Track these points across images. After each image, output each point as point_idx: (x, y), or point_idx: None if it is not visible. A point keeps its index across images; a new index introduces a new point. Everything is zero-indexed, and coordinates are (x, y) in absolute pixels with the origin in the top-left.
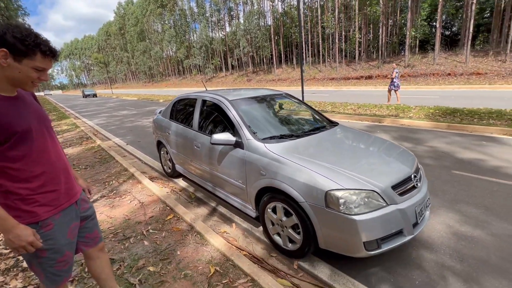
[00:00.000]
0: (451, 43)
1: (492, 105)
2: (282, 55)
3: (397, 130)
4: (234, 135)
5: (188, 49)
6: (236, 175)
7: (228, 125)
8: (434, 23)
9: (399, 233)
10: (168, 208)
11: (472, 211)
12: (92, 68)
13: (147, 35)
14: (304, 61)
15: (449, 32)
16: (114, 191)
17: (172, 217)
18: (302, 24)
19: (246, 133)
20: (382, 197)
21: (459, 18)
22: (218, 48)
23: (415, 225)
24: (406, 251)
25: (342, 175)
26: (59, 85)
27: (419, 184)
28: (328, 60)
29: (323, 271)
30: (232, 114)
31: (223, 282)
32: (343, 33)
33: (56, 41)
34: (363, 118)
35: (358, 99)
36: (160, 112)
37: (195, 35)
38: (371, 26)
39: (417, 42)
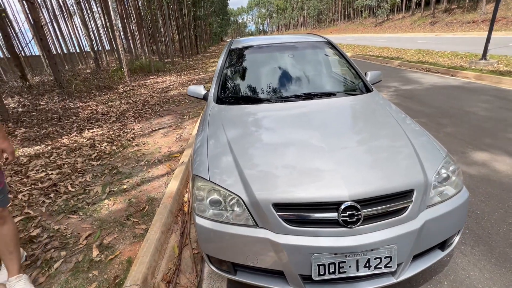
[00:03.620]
0: None
1: None
2: None
3: None
4: (209, 89)
5: None
6: None
7: None
8: None
9: (280, 275)
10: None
11: None
12: (273, 15)
13: None
14: None
15: None
16: (178, 124)
17: (178, 156)
18: None
19: (212, 86)
20: (249, 212)
21: None
22: None
23: (309, 279)
24: None
25: (230, 164)
26: (248, 32)
27: (355, 225)
28: None
29: None
30: (219, 60)
31: None
32: None
33: None
34: None
35: None
36: None
37: None
38: None
39: None
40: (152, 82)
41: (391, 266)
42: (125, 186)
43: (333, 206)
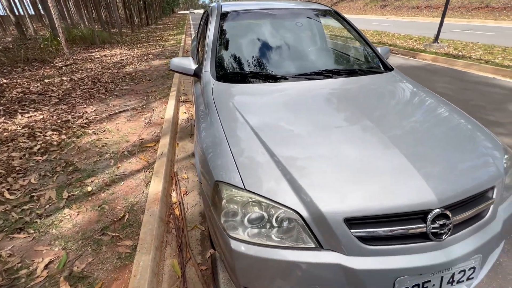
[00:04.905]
0: None
1: None
2: None
3: None
4: (201, 63)
5: None
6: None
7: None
8: None
9: None
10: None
11: None
12: None
13: None
14: None
15: None
16: (144, 106)
17: (153, 145)
18: None
19: (207, 60)
20: (309, 230)
21: None
22: None
23: None
24: None
25: (268, 163)
26: (202, 5)
27: (444, 236)
28: None
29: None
30: (209, 30)
31: None
32: None
33: None
34: None
35: None
36: None
37: None
38: None
39: None
40: (99, 56)
41: (473, 278)
42: (89, 188)
43: (419, 215)
